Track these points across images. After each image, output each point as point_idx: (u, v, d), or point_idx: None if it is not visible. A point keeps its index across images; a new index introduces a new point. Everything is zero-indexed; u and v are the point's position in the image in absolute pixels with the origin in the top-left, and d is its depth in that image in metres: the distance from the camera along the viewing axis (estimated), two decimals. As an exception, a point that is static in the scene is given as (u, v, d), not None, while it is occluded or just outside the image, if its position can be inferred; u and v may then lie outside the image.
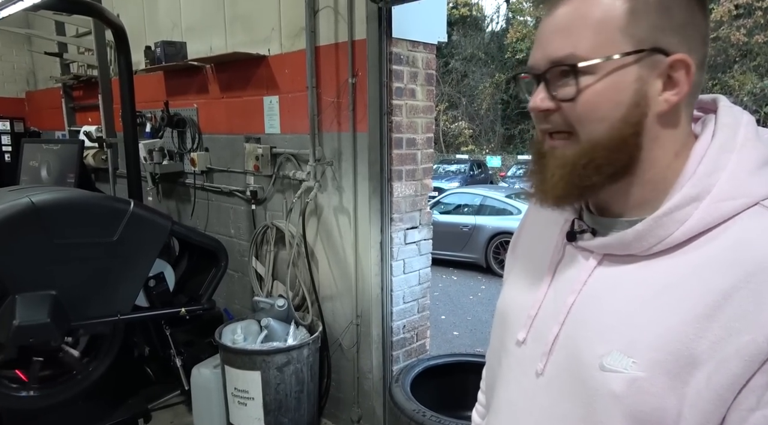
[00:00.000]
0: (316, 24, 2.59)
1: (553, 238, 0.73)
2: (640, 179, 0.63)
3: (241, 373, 2.48)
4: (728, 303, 0.53)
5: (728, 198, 0.58)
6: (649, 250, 0.61)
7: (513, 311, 0.77)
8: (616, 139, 0.60)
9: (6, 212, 2.05)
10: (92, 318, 2.34)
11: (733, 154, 0.59)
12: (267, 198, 3.05)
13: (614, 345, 0.59)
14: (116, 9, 4.03)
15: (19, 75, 5.81)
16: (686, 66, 0.58)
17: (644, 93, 0.59)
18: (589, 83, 0.59)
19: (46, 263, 2.15)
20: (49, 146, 3.34)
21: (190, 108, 3.50)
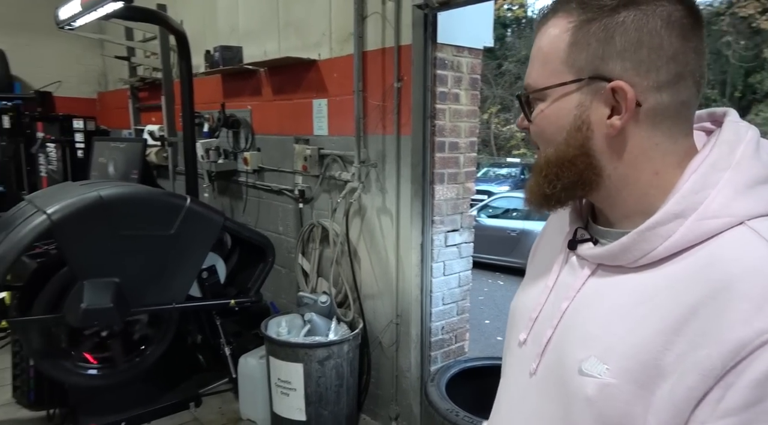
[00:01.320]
0: (364, 29, 2.67)
1: (559, 245, 0.78)
2: (615, 194, 0.66)
3: (284, 364, 2.59)
4: (694, 318, 0.55)
5: (713, 217, 0.58)
6: (636, 262, 0.63)
7: (519, 313, 0.82)
8: (561, 159, 0.65)
9: (77, 204, 2.24)
10: (149, 305, 2.51)
11: (726, 172, 0.59)
12: (314, 197, 3.16)
13: (593, 351, 0.63)
14: (180, 15, 4.27)
15: (92, 77, 6.24)
16: (623, 92, 0.60)
17: (586, 118, 0.63)
18: (540, 109, 0.67)
19: (110, 252, 2.33)
20: (116, 144, 3.59)
21: (244, 109, 3.67)
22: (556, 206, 0.70)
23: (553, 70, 0.64)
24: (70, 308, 2.30)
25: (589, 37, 0.61)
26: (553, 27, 0.64)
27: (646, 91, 0.60)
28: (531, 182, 0.70)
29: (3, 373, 3.35)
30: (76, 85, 6.07)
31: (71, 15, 2.66)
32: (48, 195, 2.48)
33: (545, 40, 0.65)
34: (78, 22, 2.73)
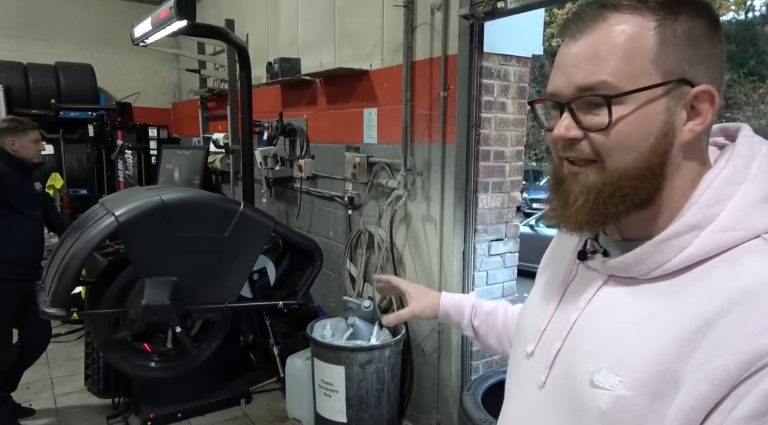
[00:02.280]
0: (413, 40, 2.71)
1: (568, 257, 0.77)
2: (661, 207, 0.63)
3: (327, 366, 2.66)
4: (711, 330, 0.54)
5: (729, 229, 0.58)
6: (649, 274, 0.62)
7: (526, 325, 0.80)
8: (643, 168, 0.60)
9: (142, 207, 2.43)
10: (203, 304, 2.66)
11: (742, 185, 0.59)
12: (362, 204, 3.22)
13: (604, 363, 0.62)
14: (247, 29, 4.51)
15: (167, 88, 6.69)
16: (711, 96, 0.59)
17: (672, 123, 0.60)
18: (622, 114, 0.59)
19: (169, 252, 2.49)
20: (182, 152, 3.84)
21: (300, 118, 3.81)
22: (600, 227, 0.66)
23: (639, 70, 0.58)
24: (132, 303, 2.48)
25: (677, 38, 0.58)
26: (624, 24, 0.59)
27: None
28: (573, 200, 0.64)
29: (78, 362, 3.66)
30: (153, 96, 6.53)
31: (144, 33, 2.89)
32: (118, 199, 2.70)
33: (624, 36, 0.59)
34: (150, 39, 2.96)
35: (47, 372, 3.61)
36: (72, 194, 5.53)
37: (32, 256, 2.93)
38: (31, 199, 2.93)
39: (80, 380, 3.44)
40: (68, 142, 5.59)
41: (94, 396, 3.30)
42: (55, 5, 5.83)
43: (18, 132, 2.82)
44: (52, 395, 3.35)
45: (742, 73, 12.68)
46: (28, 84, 5.36)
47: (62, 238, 2.65)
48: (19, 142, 2.82)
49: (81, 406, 3.23)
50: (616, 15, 0.60)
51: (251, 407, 3.24)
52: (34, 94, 5.38)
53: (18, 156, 2.83)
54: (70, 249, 2.35)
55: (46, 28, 5.83)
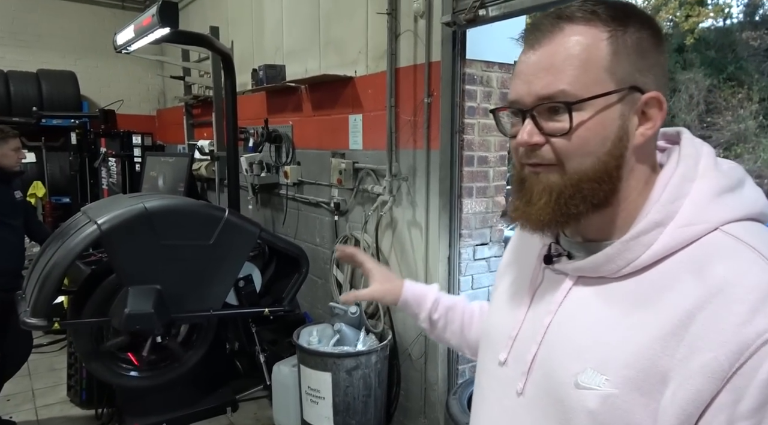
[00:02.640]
0: (397, 47, 2.73)
1: (532, 261, 0.77)
2: (617, 208, 0.66)
3: (313, 373, 2.65)
4: (692, 323, 0.56)
5: (690, 224, 0.61)
6: (619, 272, 0.64)
7: (495, 333, 0.80)
8: (600, 171, 0.64)
9: (124, 215, 2.41)
10: (188, 312, 2.64)
11: (694, 183, 0.64)
12: (348, 210, 3.23)
13: (588, 363, 0.63)
14: (231, 36, 4.51)
15: (152, 95, 6.65)
16: (659, 102, 0.64)
17: (625, 128, 0.63)
18: (582, 120, 0.63)
19: (153, 260, 2.48)
20: (166, 159, 3.82)
21: (286, 125, 3.81)
22: (562, 227, 0.69)
23: (595, 78, 0.62)
24: (115, 312, 2.46)
25: (628, 49, 0.62)
26: (579, 35, 0.62)
27: None
28: (536, 198, 0.66)
29: (60, 373, 3.60)
30: (137, 103, 6.48)
31: (126, 40, 2.88)
32: (100, 207, 2.67)
33: (580, 46, 0.62)
34: (133, 47, 2.96)
35: (29, 384, 3.55)
36: (54, 203, 5.46)
37: (12, 265, 2.89)
38: (11, 208, 2.90)
39: (63, 391, 3.39)
40: (50, 150, 5.53)
41: (77, 407, 3.25)
42: (37, 13, 5.78)
43: (1, 139, 2.79)
44: (34, 407, 3.29)
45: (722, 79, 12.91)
46: (9, 91, 5.29)
47: (43, 247, 2.62)
48: (1, 150, 2.79)
49: (63, 418, 3.17)
50: (571, 26, 0.63)
51: (238, 415, 3.21)
52: (15, 101, 5.31)
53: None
54: (51, 258, 2.32)
55: (28, 35, 5.77)
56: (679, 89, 14.99)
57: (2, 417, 3.03)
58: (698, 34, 12.25)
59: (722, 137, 15.05)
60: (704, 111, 14.43)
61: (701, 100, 15.69)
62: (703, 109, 14.54)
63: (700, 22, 12.29)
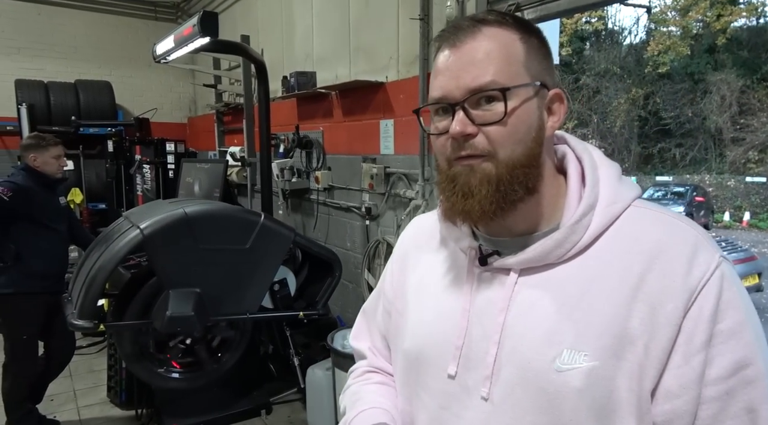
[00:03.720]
0: (429, 52, 2.75)
1: (455, 267, 0.77)
2: (540, 197, 0.72)
3: (348, 376, 2.66)
4: (645, 284, 0.63)
5: (613, 203, 0.69)
6: (564, 256, 0.68)
7: (433, 349, 0.76)
8: (530, 157, 0.68)
9: (165, 220, 2.47)
10: (226, 315, 2.69)
11: (599, 170, 0.72)
12: (380, 214, 3.25)
13: (563, 345, 0.65)
14: (261, 44, 4.59)
15: (184, 103, 6.81)
16: (561, 98, 0.71)
17: (542, 119, 0.70)
18: (513, 107, 0.67)
19: (192, 264, 2.53)
20: (201, 165, 3.90)
21: (316, 131, 3.86)
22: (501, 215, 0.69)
23: (517, 71, 0.67)
24: (157, 315, 2.52)
25: (536, 51, 0.69)
26: (496, 35, 0.68)
27: None
28: (476, 191, 0.67)
29: (100, 374, 3.70)
30: (169, 111, 6.65)
31: (166, 50, 2.97)
32: (141, 212, 2.75)
33: (494, 44, 0.67)
34: (172, 56, 3.04)
35: (70, 385, 3.65)
36: (91, 209, 5.62)
37: (57, 269, 2.99)
38: (56, 213, 3.00)
39: (103, 392, 3.48)
40: (87, 157, 5.70)
41: (116, 407, 3.33)
42: (74, 25, 5.98)
43: (39, 148, 2.89)
44: (76, 407, 3.39)
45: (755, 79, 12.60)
46: (49, 102, 5.48)
47: (88, 251, 2.70)
48: (41, 158, 2.89)
49: (104, 418, 3.26)
50: (488, 27, 0.68)
51: (272, 418, 3.25)
52: (55, 111, 5.49)
53: (41, 171, 2.90)
54: (96, 262, 2.40)
55: (66, 47, 5.97)
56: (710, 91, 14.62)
57: (46, 416, 3.12)
58: (730, 33, 11.97)
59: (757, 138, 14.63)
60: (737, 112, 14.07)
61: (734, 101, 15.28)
62: (736, 110, 14.17)
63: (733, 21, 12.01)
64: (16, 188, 2.75)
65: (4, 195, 2.69)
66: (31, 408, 2.97)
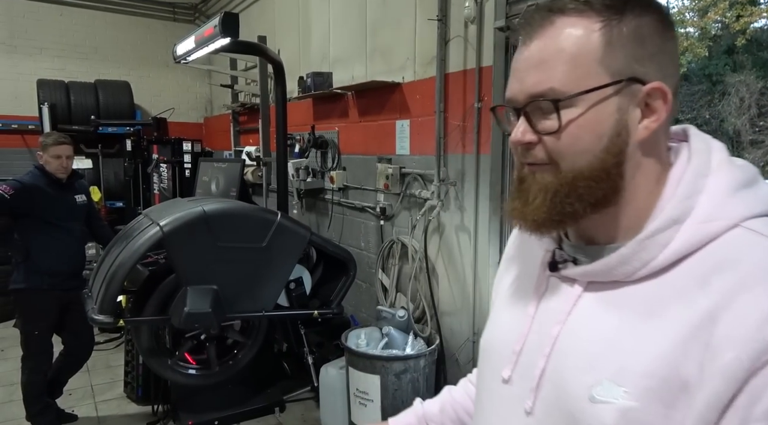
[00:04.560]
0: (447, 53, 2.75)
1: (535, 269, 0.72)
2: (624, 207, 0.63)
3: (362, 375, 2.68)
4: (713, 323, 0.52)
5: (708, 220, 0.57)
6: (634, 274, 0.60)
7: (496, 348, 0.75)
8: (598, 169, 0.60)
9: (185, 218, 2.50)
10: (242, 312, 2.71)
11: (708, 178, 0.60)
12: (394, 215, 3.26)
13: (603, 374, 0.58)
14: (278, 45, 4.63)
15: (200, 103, 6.88)
16: (663, 93, 0.59)
17: (624, 122, 0.60)
18: (572, 117, 0.60)
19: (210, 261, 2.56)
20: (218, 164, 3.94)
21: (332, 131, 3.88)
22: (558, 227, 0.65)
23: (587, 72, 0.59)
24: (175, 311, 2.55)
25: (623, 38, 0.58)
26: (570, 27, 0.59)
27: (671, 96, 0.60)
28: (532, 198, 0.63)
29: (116, 370, 3.76)
30: (186, 111, 6.72)
31: (186, 51, 3.00)
32: (161, 210, 2.78)
33: (570, 40, 0.59)
34: (192, 57, 3.07)
35: (88, 380, 3.71)
36: (109, 207, 5.70)
37: (68, 267, 3.00)
38: (68, 212, 3.01)
39: (120, 387, 3.53)
40: (106, 156, 5.78)
41: (133, 403, 3.38)
42: (95, 26, 6.08)
43: (44, 147, 2.90)
44: (93, 402, 3.44)
45: (777, 81, 12.36)
46: (69, 101, 5.57)
47: (108, 247, 2.74)
48: (44, 156, 2.91)
49: (121, 413, 3.31)
50: (562, 19, 0.60)
51: (285, 416, 3.27)
52: (75, 110, 5.58)
53: (45, 170, 2.92)
54: (116, 258, 2.44)
55: (86, 47, 6.07)
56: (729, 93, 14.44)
57: (65, 410, 3.18)
58: (750, 34, 11.79)
59: (776, 141, 14.38)
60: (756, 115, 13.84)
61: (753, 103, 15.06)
62: (755, 112, 13.94)
63: (753, 22, 11.82)
64: (19, 186, 2.78)
65: (6, 193, 2.72)
66: (50, 402, 3.03)
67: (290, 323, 3.29)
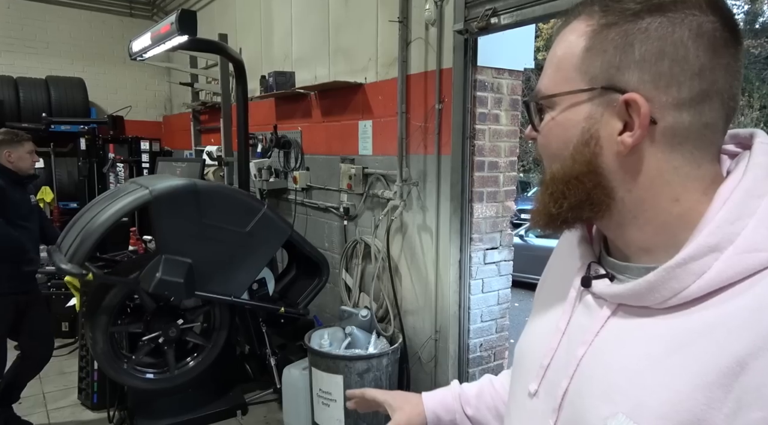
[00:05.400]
0: (408, 54, 2.78)
1: (570, 280, 0.68)
2: (630, 221, 0.58)
3: (325, 375, 2.68)
4: (744, 373, 0.47)
5: (754, 250, 0.50)
6: (664, 303, 0.55)
7: (527, 358, 0.72)
8: (568, 175, 0.58)
9: (176, 187, 2.48)
10: (211, 293, 2.69)
11: (764, 199, 0.51)
12: (358, 215, 3.27)
13: (620, 407, 0.54)
14: (239, 43, 4.57)
15: (159, 102, 6.71)
16: (637, 105, 0.53)
17: (595, 132, 0.56)
18: (547, 119, 0.60)
19: (191, 235, 2.55)
20: (178, 164, 3.86)
21: (295, 131, 3.86)
22: (562, 227, 0.62)
23: (565, 76, 0.57)
24: (146, 276, 2.49)
25: (606, 44, 0.55)
26: (571, 31, 0.58)
27: (664, 108, 0.53)
28: (537, 200, 0.63)
29: (70, 376, 3.62)
30: (144, 109, 6.54)
31: (142, 47, 2.93)
32: (150, 179, 2.81)
33: (561, 45, 0.59)
34: (148, 54, 3.00)
35: (39, 388, 3.56)
36: (62, 208, 5.50)
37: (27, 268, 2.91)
38: (28, 211, 2.93)
39: (74, 394, 3.41)
40: (59, 155, 5.58)
41: (88, 410, 3.27)
42: (46, 20, 5.85)
43: (14, 143, 2.83)
44: (45, 410, 3.31)
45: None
46: (18, 98, 5.34)
47: (87, 207, 2.67)
48: (15, 153, 2.83)
49: (76, 421, 3.19)
50: (574, 22, 0.59)
51: (248, 418, 3.23)
52: (24, 107, 5.36)
53: (14, 168, 2.83)
54: (98, 214, 2.40)
55: (37, 42, 5.83)
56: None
57: (21, 417, 3.05)
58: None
59: None
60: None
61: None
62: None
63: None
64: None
65: None
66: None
67: (252, 322, 3.25)
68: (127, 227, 4.57)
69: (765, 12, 12.62)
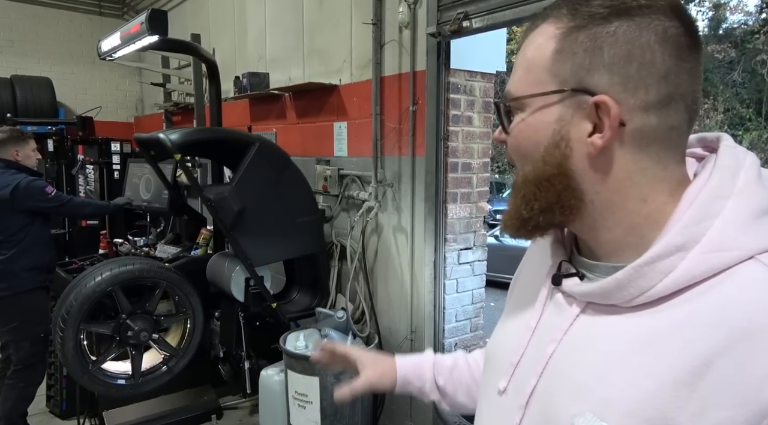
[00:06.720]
0: (382, 56, 2.80)
1: (540, 279, 0.69)
2: (600, 222, 0.59)
3: (301, 377, 2.67)
4: (709, 371, 0.48)
5: (719, 250, 0.51)
6: (632, 301, 0.55)
7: (497, 356, 0.73)
8: (539, 177, 0.59)
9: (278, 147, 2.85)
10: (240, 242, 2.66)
11: (729, 200, 0.53)
12: (334, 216, 3.27)
13: (587, 405, 0.55)
14: (213, 44, 4.52)
15: (130, 102, 6.58)
16: (606, 107, 0.54)
17: (565, 134, 0.57)
18: (517, 121, 0.60)
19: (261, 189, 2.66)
20: (149, 166, 3.78)
21: (269, 132, 3.84)
22: (534, 233, 0.63)
23: (535, 78, 0.58)
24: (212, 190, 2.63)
25: (576, 46, 0.55)
26: (540, 34, 0.59)
27: (633, 111, 0.54)
28: (509, 204, 0.63)
29: (38, 383, 3.52)
30: (114, 110, 6.41)
31: (112, 47, 2.88)
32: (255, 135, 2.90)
33: (531, 47, 0.59)
34: (118, 54, 2.95)
35: (5, 396, 3.46)
36: (29, 211, 5.34)
37: (51, 261, 3.05)
38: None
39: (42, 402, 3.32)
40: (25, 157, 5.41)
41: (56, 418, 3.20)
42: (11, 17, 5.69)
43: (21, 141, 2.91)
44: (12, 419, 3.21)
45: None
46: (-19, 97, 5.18)
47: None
48: (22, 151, 2.89)
49: (43, 429, 3.12)
50: (543, 25, 0.59)
51: (223, 422, 3.21)
52: (-12, 107, 5.20)
53: (23, 166, 2.87)
54: None
55: (1, 40, 5.67)
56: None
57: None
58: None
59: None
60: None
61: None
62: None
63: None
64: None
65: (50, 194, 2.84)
66: None
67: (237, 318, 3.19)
68: (98, 230, 4.48)
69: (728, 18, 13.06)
